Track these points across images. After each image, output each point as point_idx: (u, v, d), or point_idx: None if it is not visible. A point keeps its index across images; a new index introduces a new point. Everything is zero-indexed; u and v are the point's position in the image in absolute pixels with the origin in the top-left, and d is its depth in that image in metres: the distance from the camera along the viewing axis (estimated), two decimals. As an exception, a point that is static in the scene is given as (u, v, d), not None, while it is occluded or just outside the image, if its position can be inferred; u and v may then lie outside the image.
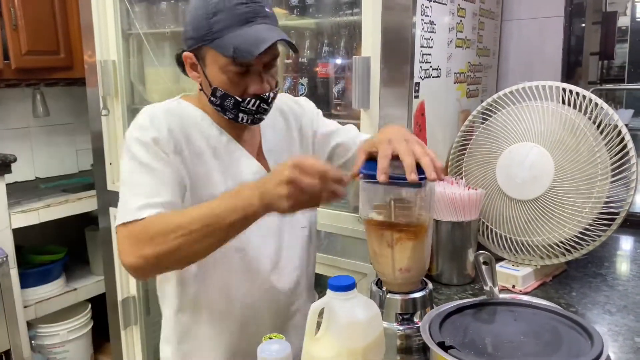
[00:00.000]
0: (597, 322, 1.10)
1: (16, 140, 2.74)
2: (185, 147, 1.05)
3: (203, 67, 1.05)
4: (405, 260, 0.91)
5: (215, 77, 1.04)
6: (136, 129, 1.03)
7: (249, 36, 0.98)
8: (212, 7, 0.99)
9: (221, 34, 0.99)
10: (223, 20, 0.99)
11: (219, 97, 1.05)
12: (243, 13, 0.99)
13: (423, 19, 1.33)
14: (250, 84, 1.03)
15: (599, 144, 1.25)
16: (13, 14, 2.31)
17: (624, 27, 2.72)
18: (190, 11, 1.04)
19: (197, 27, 1.01)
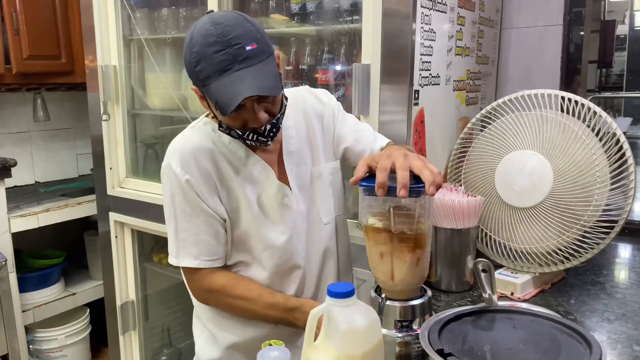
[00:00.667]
0: (595, 330, 1.11)
1: (16, 144, 2.74)
2: (218, 183, 1.15)
3: (207, 102, 1.09)
4: (405, 268, 0.92)
5: (216, 110, 1.07)
6: (169, 171, 1.13)
7: (225, 89, 0.99)
8: (194, 56, 1.00)
9: (206, 82, 1.01)
10: (205, 69, 1.00)
11: (225, 128, 1.12)
12: (220, 62, 0.98)
13: (423, 26, 1.34)
14: (248, 121, 1.07)
15: (598, 151, 1.25)
16: (15, 19, 2.32)
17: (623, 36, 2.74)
18: (183, 51, 1.05)
19: (189, 73, 1.05)
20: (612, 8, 2.62)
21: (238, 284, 1.18)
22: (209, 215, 1.14)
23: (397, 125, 1.36)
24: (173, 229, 1.16)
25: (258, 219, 1.18)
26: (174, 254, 1.18)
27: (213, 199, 1.14)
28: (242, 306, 1.17)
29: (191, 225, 1.14)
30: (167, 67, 2.09)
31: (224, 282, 1.17)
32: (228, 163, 1.16)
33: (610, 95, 2.70)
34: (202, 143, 1.15)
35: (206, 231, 1.15)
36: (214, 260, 1.17)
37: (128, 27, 2.09)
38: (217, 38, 0.98)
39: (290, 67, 1.75)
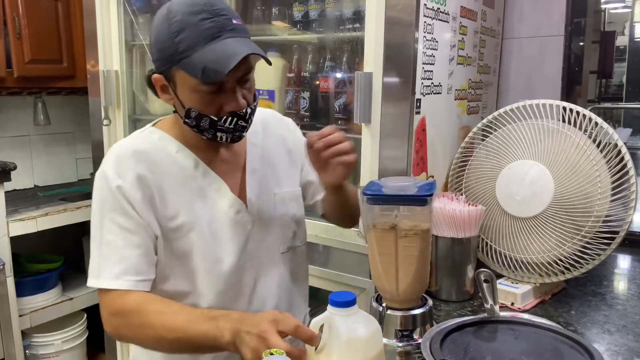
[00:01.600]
0: (596, 341, 1.10)
1: (16, 148, 2.74)
2: (156, 193, 1.02)
3: (174, 88, 1.00)
4: (411, 274, 0.91)
5: (187, 97, 0.99)
6: (101, 174, 1.03)
7: (217, 53, 0.92)
8: (175, 26, 0.94)
9: (188, 53, 0.93)
10: (188, 38, 0.93)
11: (193, 118, 1.00)
12: (208, 29, 0.93)
13: (425, 35, 1.34)
14: (225, 101, 0.99)
15: (599, 162, 1.25)
16: (17, 23, 2.33)
17: (622, 47, 2.75)
18: (154, 31, 0.98)
19: (163, 48, 0.96)
20: (612, 19, 2.64)
21: (155, 299, 1.01)
22: (140, 227, 1.01)
23: (398, 134, 1.36)
24: (97, 244, 1.02)
25: (204, 238, 1.05)
26: (94, 273, 1.01)
27: (147, 211, 1.01)
28: (158, 323, 0.95)
29: (117, 238, 1.00)
30: (169, 73, 2.09)
31: (138, 300, 0.99)
32: (173, 174, 1.05)
33: (610, 105, 2.71)
34: (144, 149, 1.05)
35: (134, 245, 1.00)
36: (139, 281, 1.00)
37: (130, 32, 2.09)
38: (203, 7, 0.94)
39: (292, 75, 1.76)
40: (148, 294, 1.02)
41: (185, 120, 1.01)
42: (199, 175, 1.08)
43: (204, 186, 1.08)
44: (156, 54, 0.98)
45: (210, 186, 1.08)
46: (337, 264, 1.54)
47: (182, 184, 1.05)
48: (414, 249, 0.91)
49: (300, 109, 1.72)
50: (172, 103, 1.04)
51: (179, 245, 1.05)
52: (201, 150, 1.09)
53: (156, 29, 0.97)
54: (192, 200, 1.05)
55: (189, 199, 1.05)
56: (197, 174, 1.08)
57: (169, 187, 1.04)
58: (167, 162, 1.06)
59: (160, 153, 1.06)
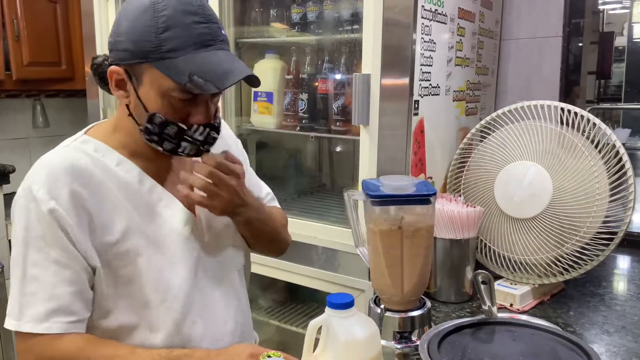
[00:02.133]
0: (595, 342, 1.10)
1: (15, 150, 2.74)
2: (95, 216, 0.88)
3: (136, 86, 0.88)
4: (418, 270, 0.91)
5: (151, 99, 0.87)
6: (28, 194, 0.86)
7: (211, 65, 0.84)
8: (162, 21, 0.83)
9: (173, 55, 0.83)
10: (176, 38, 0.83)
11: (157, 124, 0.88)
12: (201, 34, 0.85)
13: (423, 37, 1.34)
14: (194, 112, 0.89)
15: (597, 163, 1.25)
16: (16, 25, 2.33)
17: (621, 47, 2.75)
18: (128, 17, 0.86)
19: (140, 41, 0.84)
20: (611, 20, 2.64)
21: (97, 342, 0.88)
22: (74, 260, 0.86)
23: (396, 135, 1.36)
24: (19, 279, 0.86)
25: (155, 262, 0.93)
26: (14, 314, 0.85)
27: (84, 239, 0.87)
28: None
29: (47, 273, 0.85)
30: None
31: (74, 345, 0.85)
32: (113, 192, 0.91)
33: (609, 106, 2.71)
34: (79, 163, 0.89)
35: (67, 282, 0.85)
36: (72, 322, 0.86)
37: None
38: (197, 9, 0.85)
39: (291, 76, 1.76)
40: (85, 336, 0.88)
41: (147, 125, 0.89)
42: (145, 191, 0.95)
43: (151, 203, 0.95)
44: (126, 43, 0.85)
45: (159, 203, 0.96)
46: (336, 266, 1.54)
47: (125, 202, 0.92)
48: (420, 248, 0.91)
49: (299, 111, 1.72)
50: (126, 102, 0.91)
51: (125, 273, 0.91)
52: (146, 160, 0.96)
53: (133, 15, 0.85)
54: (137, 220, 0.92)
55: (133, 219, 0.92)
56: (142, 189, 0.94)
57: (109, 208, 0.90)
58: (105, 177, 0.91)
59: (97, 167, 0.91)
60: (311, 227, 1.59)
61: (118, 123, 0.96)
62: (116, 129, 0.96)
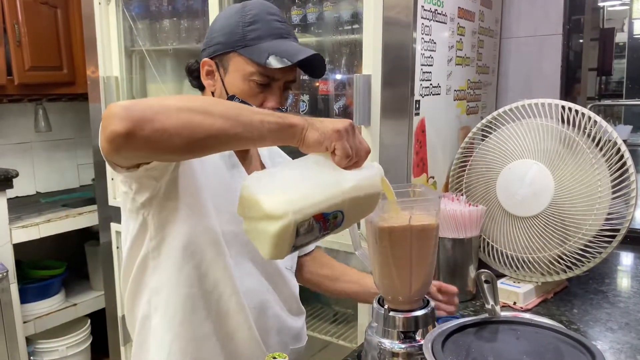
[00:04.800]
0: (598, 339, 1.10)
1: (18, 155, 2.75)
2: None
3: (223, 74, 1.04)
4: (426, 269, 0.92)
5: (234, 85, 1.02)
6: None
7: (285, 47, 1.00)
8: (249, 17, 1.01)
9: (255, 42, 1.00)
10: (259, 29, 1.01)
11: None
12: (278, 28, 1.02)
13: (423, 37, 1.35)
14: (269, 97, 1.02)
15: (599, 160, 1.26)
16: (17, 30, 2.33)
17: (622, 43, 2.75)
18: (221, 19, 1.05)
19: (230, 33, 1.01)
20: (611, 16, 2.64)
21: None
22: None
23: (398, 135, 1.36)
24: None
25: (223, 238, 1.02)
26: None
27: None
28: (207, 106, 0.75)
29: None
30: (169, 78, 2.10)
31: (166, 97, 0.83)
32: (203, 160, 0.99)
33: (610, 103, 2.71)
34: None
35: None
36: None
37: (130, 38, 2.10)
38: (277, 11, 1.05)
39: (291, 78, 1.76)
40: None
41: None
42: (225, 167, 1.06)
43: (227, 178, 1.05)
44: (219, 37, 1.03)
45: (233, 179, 1.05)
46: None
47: (211, 172, 1.03)
48: (429, 247, 0.91)
49: (300, 112, 1.72)
50: (213, 89, 1.06)
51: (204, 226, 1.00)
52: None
53: (225, 18, 1.04)
54: (218, 191, 1.02)
55: (215, 189, 1.02)
56: (222, 165, 1.06)
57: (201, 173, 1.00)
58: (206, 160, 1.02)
59: None
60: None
61: None
62: None
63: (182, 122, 0.72)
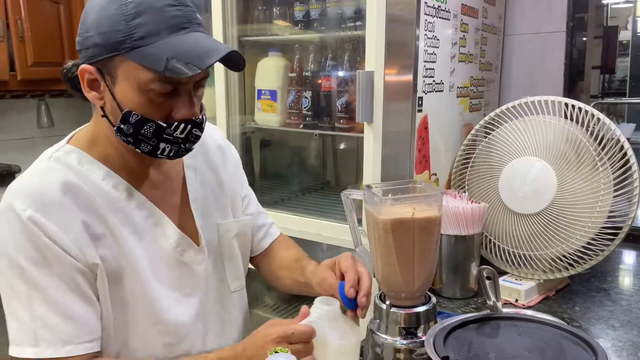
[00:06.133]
0: (600, 337, 1.10)
1: (20, 150, 2.75)
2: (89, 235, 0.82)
3: (111, 84, 0.81)
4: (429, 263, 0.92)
5: (128, 97, 0.80)
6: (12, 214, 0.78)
7: (189, 46, 0.78)
8: (132, 7, 0.77)
9: (147, 41, 0.77)
10: (148, 23, 0.77)
11: (132, 123, 0.81)
12: (174, 17, 0.78)
13: (426, 33, 1.34)
14: (177, 106, 0.82)
15: (602, 158, 1.25)
16: (20, 26, 2.34)
17: (625, 41, 2.74)
18: (93, 10, 0.80)
19: (109, 31, 0.77)
20: (615, 14, 2.63)
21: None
22: (83, 274, 0.80)
23: (400, 132, 1.36)
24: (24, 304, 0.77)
25: (146, 284, 0.87)
26: (28, 340, 0.76)
27: (85, 253, 0.80)
28: None
29: (58, 295, 0.77)
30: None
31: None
32: (102, 206, 0.84)
33: (614, 101, 2.70)
34: (66, 179, 0.82)
35: (80, 299, 0.79)
36: (93, 341, 0.80)
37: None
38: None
39: (294, 74, 1.76)
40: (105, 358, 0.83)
41: (120, 126, 0.82)
42: (133, 207, 0.88)
43: (139, 220, 0.88)
44: (95, 37, 0.79)
45: (147, 220, 0.89)
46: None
47: (116, 215, 0.85)
48: (432, 241, 0.92)
49: (302, 109, 1.72)
50: (100, 104, 0.84)
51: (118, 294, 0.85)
52: (131, 174, 0.90)
53: (98, 7, 0.79)
54: (128, 236, 0.86)
55: (123, 235, 0.85)
56: (130, 206, 0.87)
57: (103, 223, 0.84)
58: (95, 191, 0.84)
59: (85, 181, 0.84)
60: (315, 225, 1.60)
61: (96, 131, 0.89)
62: (96, 140, 0.89)
63: None
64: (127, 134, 0.82)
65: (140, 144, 0.83)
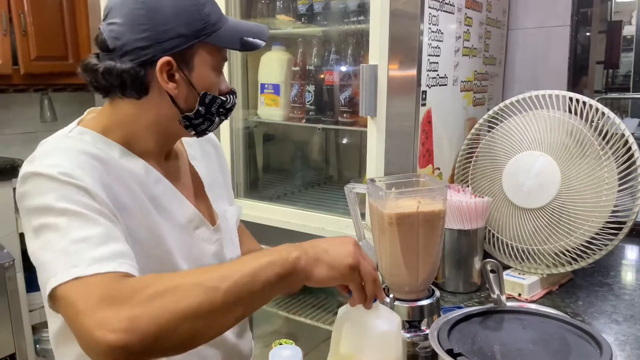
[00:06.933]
0: (603, 331, 1.10)
1: (23, 144, 2.76)
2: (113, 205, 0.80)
3: (187, 72, 0.86)
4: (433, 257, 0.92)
5: (205, 80, 0.88)
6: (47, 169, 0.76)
7: (244, 25, 0.90)
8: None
9: (218, 27, 0.86)
10: (214, 12, 0.86)
11: (206, 104, 0.88)
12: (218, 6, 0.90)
13: (430, 27, 1.34)
14: (221, 81, 0.92)
15: (606, 153, 1.25)
16: (23, 20, 2.34)
17: (629, 36, 2.73)
18: (168, 5, 0.83)
19: (191, 21, 0.83)
20: (619, 9, 2.62)
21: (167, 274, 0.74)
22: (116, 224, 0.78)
23: (404, 126, 1.36)
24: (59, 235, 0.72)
25: (159, 256, 0.88)
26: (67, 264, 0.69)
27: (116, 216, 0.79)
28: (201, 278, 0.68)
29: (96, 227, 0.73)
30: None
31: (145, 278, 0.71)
32: (126, 176, 0.86)
33: (617, 96, 2.69)
34: (89, 149, 0.83)
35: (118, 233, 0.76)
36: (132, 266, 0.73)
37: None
38: None
39: (297, 68, 1.76)
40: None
41: (198, 108, 0.88)
42: (152, 183, 0.89)
43: (158, 194, 0.89)
44: (177, 29, 0.83)
45: (164, 195, 0.91)
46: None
47: (134, 190, 0.86)
48: (436, 235, 0.92)
49: (306, 103, 1.72)
50: (174, 93, 0.86)
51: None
52: (148, 158, 0.91)
53: (171, 2, 0.83)
54: (145, 210, 0.86)
55: (142, 209, 0.86)
56: (149, 180, 0.89)
57: (123, 197, 0.83)
58: (114, 167, 0.85)
59: (104, 157, 0.84)
60: (318, 219, 1.60)
61: (113, 119, 0.90)
62: (111, 126, 0.89)
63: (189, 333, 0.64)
64: (195, 118, 0.89)
65: (203, 124, 0.91)
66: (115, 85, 0.85)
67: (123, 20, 0.83)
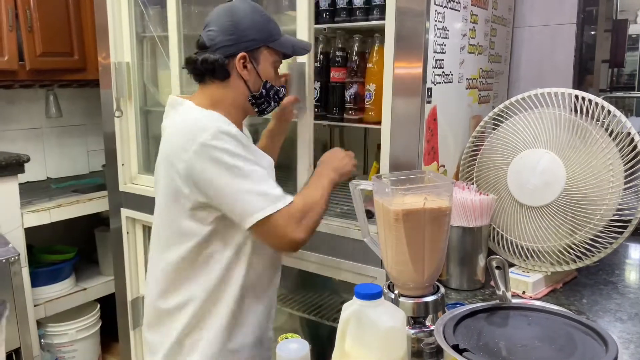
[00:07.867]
0: (608, 329, 1.09)
1: (29, 140, 2.77)
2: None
3: (256, 65, 1.26)
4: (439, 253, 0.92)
5: (267, 72, 1.27)
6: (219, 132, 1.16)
7: (294, 39, 1.35)
8: (266, 17, 1.26)
9: (277, 37, 1.27)
10: (275, 27, 1.27)
11: (267, 89, 1.28)
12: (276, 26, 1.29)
13: (436, 24, 1.34)
14: (277, 77, 1.32)
15: (611, 151, 1.25)
16: (29, 16, 2.34)
17: (635, 35, 2.71)
18: (246, 18, 1.23)
19: (262, 30, 1.24)
20: (624, 7, 2.60)
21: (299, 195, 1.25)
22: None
23: (409, 123, 1.36)
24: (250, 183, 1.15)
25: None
26: (271, 198, 1.14)
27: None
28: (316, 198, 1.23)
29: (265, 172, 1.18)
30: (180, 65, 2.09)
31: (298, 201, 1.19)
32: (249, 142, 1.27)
33: (622, 95, 2.68)
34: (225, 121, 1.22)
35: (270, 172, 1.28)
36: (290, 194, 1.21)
37: (141, 24, 2.10)
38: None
39: (303, 65, 1.75)
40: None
41: (262, 91, 1.28)
42: (259, 154, 1.29)
43: (264, 164, 1.26)
44: (252, 35, 1.23)
45: (264, 159, 1.30)
46: (347, 253, 1.54)
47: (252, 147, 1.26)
48: (442, 232, 0.92)
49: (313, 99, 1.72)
50: (247, 78, 1.25)
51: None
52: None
53: (250, 17, 1.23)
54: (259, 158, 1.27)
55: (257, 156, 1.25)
56: (248, 140, 1.28)
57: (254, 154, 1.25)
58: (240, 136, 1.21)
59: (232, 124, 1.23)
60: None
61: (216, 98, 1.26)
62: (216, 104, 1.25)
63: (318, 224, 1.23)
64: (259, 98, 1.29)
65: (264, 103, 1.31)
66: (208, 70, 1.23)
67: (217, 29, 1.23)
